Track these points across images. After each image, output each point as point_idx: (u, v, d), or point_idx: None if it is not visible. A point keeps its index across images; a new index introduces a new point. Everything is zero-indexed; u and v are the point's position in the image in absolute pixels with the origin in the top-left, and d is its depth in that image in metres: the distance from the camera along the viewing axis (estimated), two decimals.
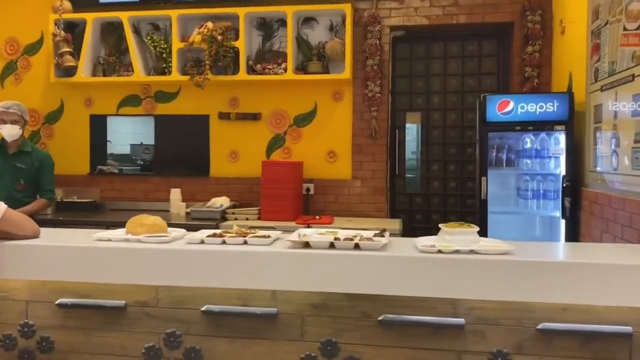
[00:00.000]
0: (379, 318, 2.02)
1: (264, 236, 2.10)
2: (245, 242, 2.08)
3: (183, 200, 4.70)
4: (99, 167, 5.11)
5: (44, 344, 2.26)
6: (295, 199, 4.42)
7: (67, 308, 2.24)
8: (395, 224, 4.19)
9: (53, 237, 2.26)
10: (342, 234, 2.10)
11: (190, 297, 2.16)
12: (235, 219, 4.34)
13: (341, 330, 2.06)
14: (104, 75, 4.83)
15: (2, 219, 2.06)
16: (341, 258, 1.94)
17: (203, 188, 4.87)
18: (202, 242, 2.10)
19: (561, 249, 2.44)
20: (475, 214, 4.55)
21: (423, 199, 4.81)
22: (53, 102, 5.08)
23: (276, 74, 4.50)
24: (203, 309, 2.14)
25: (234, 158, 4.85)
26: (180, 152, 5.01)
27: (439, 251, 1.91)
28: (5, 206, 2.10)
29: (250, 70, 4.56)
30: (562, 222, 3.57)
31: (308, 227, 4.05)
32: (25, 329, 2.27)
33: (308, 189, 4.67)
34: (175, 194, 4.69)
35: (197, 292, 2.15)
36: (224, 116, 4.82)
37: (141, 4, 4.75)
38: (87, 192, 4.92)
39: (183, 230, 2.29)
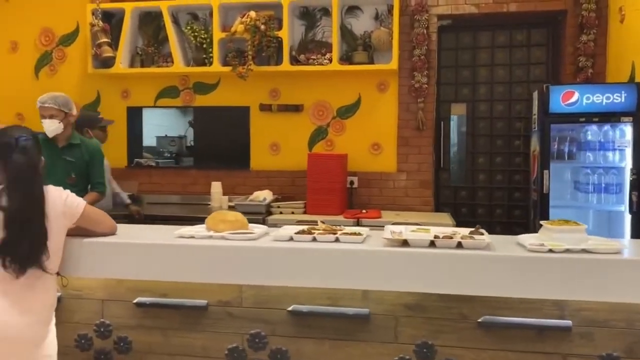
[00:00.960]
0: (479, 320, 1.94)
1: (355, 233, 2.01)
2: (337, 240, 1.98)
3: (223, 194, 4.61)
4: (136, 159, 5.03)
5: (122, 344, 2.19)
6: (341, 192, 4.33)
7: (146, 307, 2.17)
8: (445, 219, 4.09)
9: (131, 233, 2.17)
10: (437, 231, 2.01)
11: (275, 297, 2.08)
12: (281, 213, 4.26)
13: (437, 332, 1.97)
14: (142, 66, 4.73)
15: (82, 215, 1.98)
16: (443, 257, 1.84)
17: (243, 181, 4.77)
18: (291, 239, 2.01)
19: None
20: (524, 207, 4.46)
21: (468, 193, 4.70)
22: (89, 93, 4.99)
23: (320, 64, 4.38)
24: (289, 308, 2.06)
25: (275, 150, 4.75)
26: (220, 145, 4.92)
27: (550, 250, 1.81)
28: (85, 202, 2.01)
29: (294, 60, 4.45)
30: (628, 217, 3.46)
31: (357, 221, 3.97)
32: (102, 329, 2.20)
33: (352, 182, 4.57)
34: (217, 187, 4.59)
35: (282, 292, 2.07)
36: (265, 108, 4.71)
37: None
38: (125, 185, 4.80)
39: (264, 227, 2.20)
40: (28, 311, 1.82)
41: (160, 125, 5.52)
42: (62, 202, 1.92)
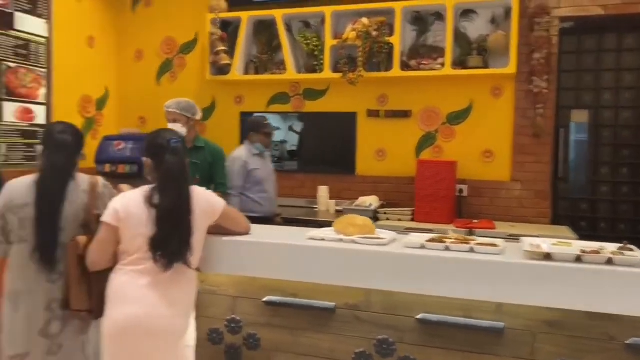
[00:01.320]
0: (627, 341, 1.80)
1: (491, 244, 1.95)
2: (472, 250, 1.93)
3: (329, 198, 4.67)
4: None
5: (251, 340, 2.27)
6: (450, 200, 4.24)
7: (275, 306, 2.23)
8: (565, 232, 3.86)
9: (264, 234, 2.25)
10: (581, 245, 1.90)
11: (404, 304, 2.06)
12: (388, 219, 4.24)
13: (579, 351, 1.86)
14: (256, 73, 4.91)
15: (222, 214, 2.07)
16: (591, 273, 1.74)
17: (349, 186, 4.81)
18: (423, 247, 1.99)
19: None
20: None
21: (589, 205, 4.41)
22: (206, 99, 5.25)
23: (432, 69, 4.32)
24: (419, 317, 2.03)
25: (381, 156, 4.74)
26: (326, 150, 5.00)
27: None
28: (224, 202, 2.11)
29: (404, 66, 4.42)
30: None
31: (470, 231, 3.85)
32: (233, 325, 2.29)
33: (461, 191, 4.45)
34: (323, 191, 4.67)
35: (410, 299, 2.05)
36: (372, 114, 4.72)
37: (294, 2, 4.75)
38: None
39: (392, 233, 2.19)
40: (174, 304, 1.93)
41: None
42: (205, 201, 2.03)
